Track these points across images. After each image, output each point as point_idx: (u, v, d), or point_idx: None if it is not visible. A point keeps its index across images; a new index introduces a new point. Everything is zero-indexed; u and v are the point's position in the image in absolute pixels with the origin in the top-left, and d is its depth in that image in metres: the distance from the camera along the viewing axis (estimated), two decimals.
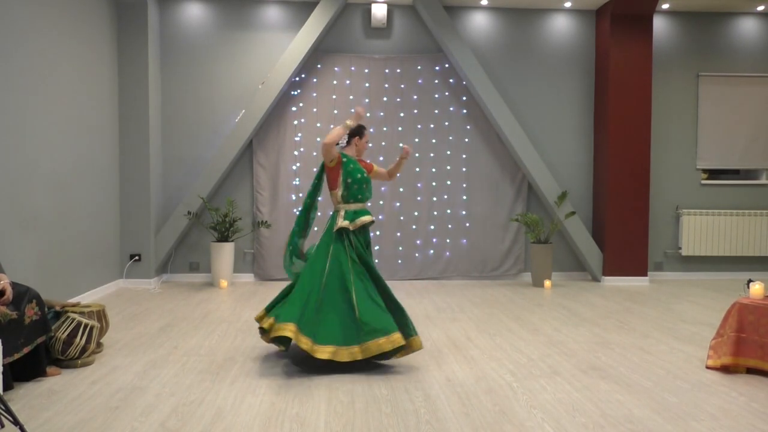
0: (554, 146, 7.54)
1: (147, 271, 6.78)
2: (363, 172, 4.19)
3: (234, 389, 3.44)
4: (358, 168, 4.17)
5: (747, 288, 3.95)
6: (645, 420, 3.04)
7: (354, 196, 4.15)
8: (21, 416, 2.95)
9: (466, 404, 3.24)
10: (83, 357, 3.83)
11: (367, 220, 4.13)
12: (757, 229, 7.61)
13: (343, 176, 4.13)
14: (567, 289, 6.86)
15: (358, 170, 4.15)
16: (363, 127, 4.27)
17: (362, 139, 4.26)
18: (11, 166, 4.59)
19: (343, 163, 4.13)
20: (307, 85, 7.28)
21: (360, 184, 4.15)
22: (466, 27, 7.43)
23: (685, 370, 3.88)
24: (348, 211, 4.13)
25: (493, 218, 7.46)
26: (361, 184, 4.15)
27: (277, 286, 6.92)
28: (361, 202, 4.19)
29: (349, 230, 4.06)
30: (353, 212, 4.13)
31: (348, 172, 4.12)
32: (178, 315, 5.36)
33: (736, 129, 7.72)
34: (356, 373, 3.75)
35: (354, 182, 4.13)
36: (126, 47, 6.62)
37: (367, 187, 4.21)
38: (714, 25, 7.67)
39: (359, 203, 4.18)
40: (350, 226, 4.06)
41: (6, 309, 3.29)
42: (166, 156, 7.16)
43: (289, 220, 7.25)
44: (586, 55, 7.57)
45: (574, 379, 3.67)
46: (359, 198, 4.17)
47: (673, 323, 5.19)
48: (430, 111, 7.40)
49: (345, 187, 4.13)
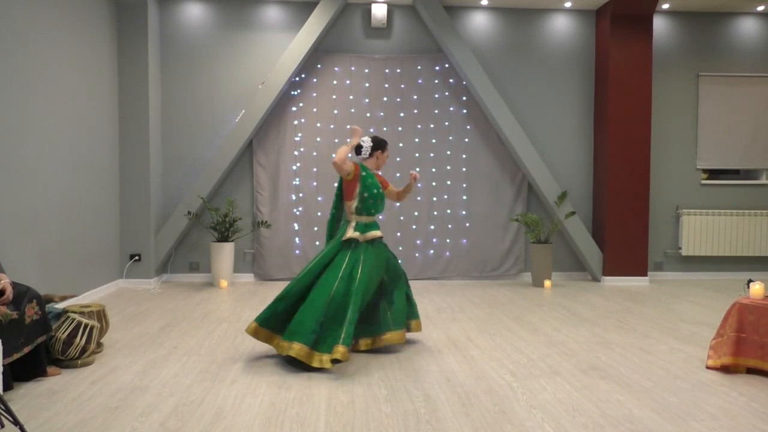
0: (554, 146, 7.54)
1: (147, 271, 6.78)
2: (379, 187, 4.33)
3: (234, 389, 3.44)
4: (375, 183, 4.30)
5: (747, 288, 3.95)
6: (645, 420, 3.04)
7: (368, 210, 4.29)
8: (21, 416, 2.95)
9: (466, 404, 3.24)
10: (83, 357, 3.83)
11: (376, 234, 4.27)
12: (757, 229, 7.61)
13: (360, 190, 4.25)
14: (567, 289, 6.86)
15: (375, 185, 4.29)
16: (385, 141, 4.45)
17: (384, 153, 4.42)
18: (11, 166, 4.59)
19: (362, 177, 4.26)
20: (307, 85, 7.28)
21: (375, 199, 4.29)
22: (466, 27, 7.43)
23: (685, 370, 3.88)
24: (359, 223, 4.26)
25: (493, 218, 7.46)
26: (376, 200, 4.30)
27: (277, 286, 6.93)
28: (372, 215, 4.34)
29: (358, 241, 4.18)
30: (364, 225, 4.26)
31: (366, 186, 4.26)
32: (178, 315, 5.36)
33: (736, 129, 7.72)
34: (356, 373, 3.75)
35: (370, 197, 4.26)
36: (126, 47, 6.62)
37: (381, 202, 4.36)
38: (714, 25, 7.67)
39: (370, 217, 4.32)
40: (360, 238, 4.18)
41: (6, 309, 3.29)
42: (166, 156, 7.16)
43: (289, 220, 7.27)
44: (586, 55, 7.57)
45: (574, 379, 3.67)
46: (372, 212, 4.32)
47: (673, 323, 5.19)
48: (430, 111, 7.41)
49: (360, 200, 4.27)
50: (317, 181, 7.30)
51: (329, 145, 7.29)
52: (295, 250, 7.28)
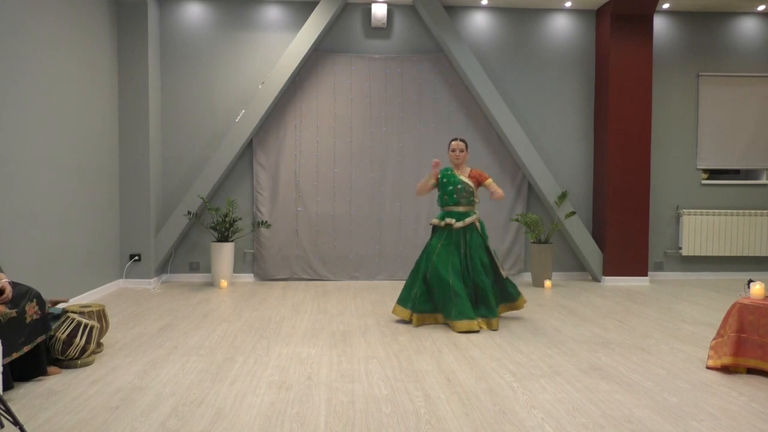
0: (554, 146, 7.54)
1: (147, 271, 6.78)
2: (456, 183, 5.13)
3: (234, 389, 3.44)
4: (451, 180, 5.15)
5: (747, 288, 3.95)
6: (645, 420, 3.04)
7: (444, 202, 5.19)
8: (21, 416, 2.95)
9: (466, 404, 3.24)
10: (83, 357, 3.83)
11: (449, 221, 5.08)
12: (757, 229, 7.61)
13: (440, 188, 5.24)
14: (567, 289, 6.86)
15: (451, 182, 5.15)
16: (452, 140, 5.28)
17: (449, 152, 5.26)
18: (11, 166, 4.59)
19: (440, 179, 5.21)
20: (307, 85, 7.28)
21: (450, 195, 5.14)
22: (466, 27, 7.43)
23: (686, 370, 3.88)
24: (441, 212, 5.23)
25: (493, 218, 7.45)
26: (451, 195, 5.14)
27: (277, 286, 6.93)
28: (450, 205, 5.14)
29: (440, 226, 5.16)
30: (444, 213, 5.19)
31: (442, 185, 5.21)
32: (178, 315, 5.36)
33: (736, 129, 7.72)
34: (356, 373, 3.75)
35: (444, 193, 5.18)
36: (126, 47, 6.62)
37: (459, 193, 5.12)
38: (714, 25, 7.68)
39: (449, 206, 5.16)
40: (440, 223, 5.15)
41: (5, 308, 3.29)
42: (166, 156, 7.16)
43: (289, 220, 7.26)
44: (586, 55, 7.57)
45: (575, 379, 3.67)
46: (449, 202, 5.16)
47: (674, 323, 5.19)
48: (430, 111, 7.41)
49: (440, 196, 5.25)
50: (317, 180, 7.30)
51: (329, 145, 7.30)
52: (295, 250, 7.28)
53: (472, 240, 5.07)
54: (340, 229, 7.35)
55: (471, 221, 5.09)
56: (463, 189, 5.12)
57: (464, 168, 5.25)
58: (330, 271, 7.35)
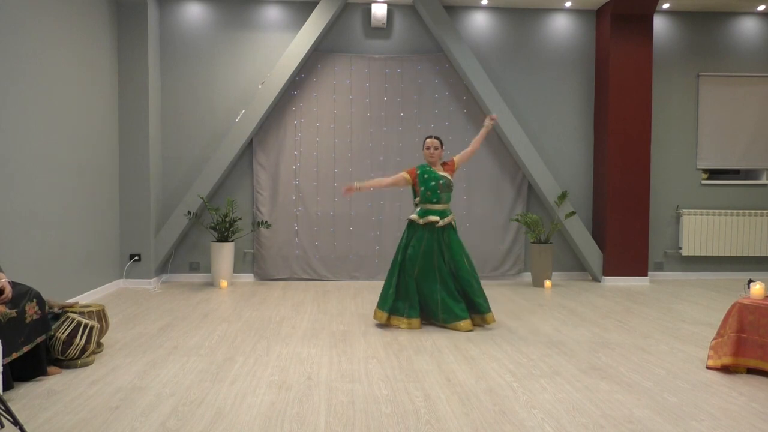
0: (554, 146, 7.54)
1: (147, 271, 6.78)
2: (437, 179, 5.01)
3: (234, 389, 3.44)
4: (432, 176, 5.04)
5: (747, 288, 3.95)
6: (645, 420, 3.04)
7: (427, 198, 5.03)
8: (21, 416, 2.95)
9: (466, 404, 3.24)
10: (83, 357, 3.83)
11: (433, 219, 4.96)
12: (757, 229, 7.61)
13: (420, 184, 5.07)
14: (567, 289, 6.86)
15: (432, 178, 5.03)
16: (427, 138, 5.17)
17: (423, 149, 5.16)
18: (11, 166, 4.59)
19: (419, 175, 5.08)
20: (307, 85, 7.28)
21: (434, 190, 5.02)
22: (466, 27, 7.43)
23: (686, 370, 3.88)
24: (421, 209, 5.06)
25: (493, 218, 7.46)
26: (435, 190, 5.01)
27: (277, 286, 6.93)
28: (432, 202, 5.01)
29: (419, 224, 5.00)
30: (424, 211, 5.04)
31: (423, 181, 5.06)
32: (178, 315, 5.36)
33: (736, 129, 7.72)
34: (356, 373, 3.75)
35: (427, 189, 5.04)
36: (126, 47, 6.62)
37: (442, 189, 5.02)
38: (714, 25, 7.67)
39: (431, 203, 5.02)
40: (420, 221, 5.00)
41: (5, 308, 3.29)
42: (166, 156, 7.16)
43: (289, 220, 7.26)
44: (586, 55, 7.57)
45: (575, 379, 3.67)
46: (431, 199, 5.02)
47: (674, 323, 5.19)
48: (430, 111, 7.40)
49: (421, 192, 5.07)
50: (317, 180, 7.30)
51: (329, 144, 7.30)
52: (295, 250, 7.28)
53: (451, 239, 5.03)
54: (339, 229, 7.35)
55: (450, 220, 5.04)
56: (445, 184, 5.04)
57: (438, 166, 5.18)
58: (330, 271, 7.35)
